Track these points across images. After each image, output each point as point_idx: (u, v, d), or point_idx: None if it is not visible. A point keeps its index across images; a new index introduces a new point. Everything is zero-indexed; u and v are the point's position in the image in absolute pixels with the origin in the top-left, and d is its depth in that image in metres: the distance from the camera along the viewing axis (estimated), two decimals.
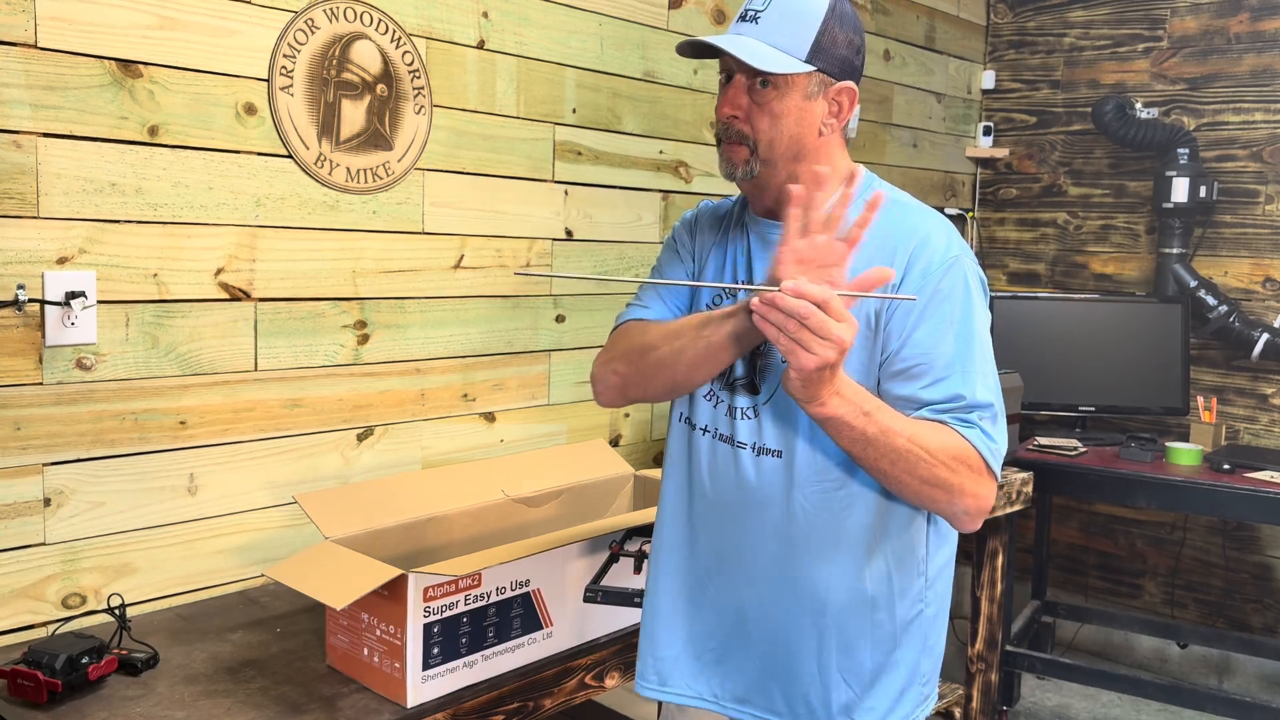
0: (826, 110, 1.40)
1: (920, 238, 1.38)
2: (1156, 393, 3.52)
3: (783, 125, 1.38)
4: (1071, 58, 3.99)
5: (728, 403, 1.46)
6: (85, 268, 1.80)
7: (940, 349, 1.34)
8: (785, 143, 1.39)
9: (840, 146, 1.45)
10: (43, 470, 1.78)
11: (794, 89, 1.37)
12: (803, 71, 1.36)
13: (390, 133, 2.21)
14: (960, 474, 1.31)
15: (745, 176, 1.42)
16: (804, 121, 1.39)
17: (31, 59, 1.72)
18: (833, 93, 1.40)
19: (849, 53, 1.40)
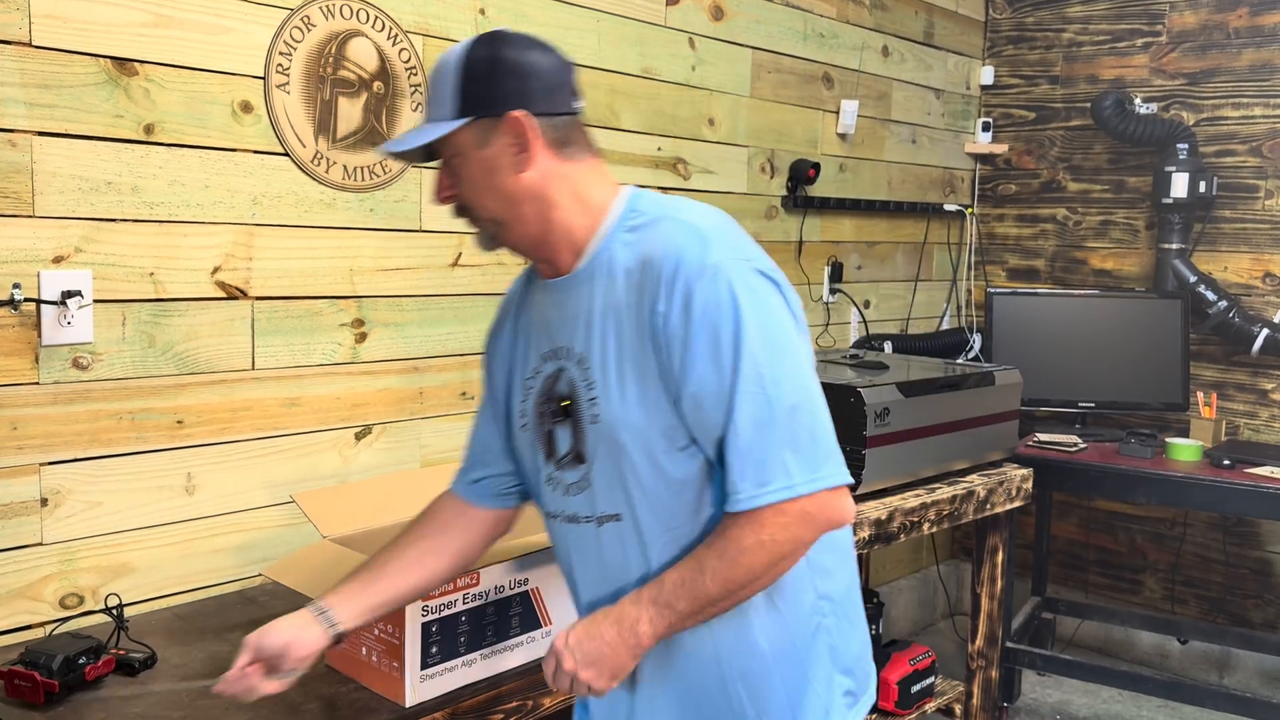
0: (509, 148, 1.29)
1: (671, 256, 1.25)
2: (1156, 388, 3.51)
3: (478, 186, 1.32)
4: (1070, 53, 3.98)
5: (563, 481, 1.37)
6: (81, 267, 1.80)
7: (714, 378, 1.23)
8: (492, 199, 1.32)
9: (571, 180, 1.32)
10: (39, 470, 1.78)
11: (466, 149, 1.30)
12: (453, 128, 1.29)
13: (387, 130, 2.21)
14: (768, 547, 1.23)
15: (492, 244, 1.37)
16: (493, 171, 1.30)
17: (26, 57, 1.71)
18: (504, 128, 1.28)
19: (505, 85, 1.28)
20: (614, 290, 1.30)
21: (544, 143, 1.30)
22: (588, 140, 1.36)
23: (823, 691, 1.37)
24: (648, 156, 2.80)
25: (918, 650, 2.91)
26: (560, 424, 1.35)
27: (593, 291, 1.31)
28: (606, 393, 1.29)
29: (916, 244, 3.91)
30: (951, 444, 2.66)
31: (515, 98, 1.28)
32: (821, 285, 3.48)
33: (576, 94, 1.36)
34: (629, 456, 1.29)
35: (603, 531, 1.34)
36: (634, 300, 1.27)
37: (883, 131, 3.69)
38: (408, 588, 1.45)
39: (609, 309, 1.30)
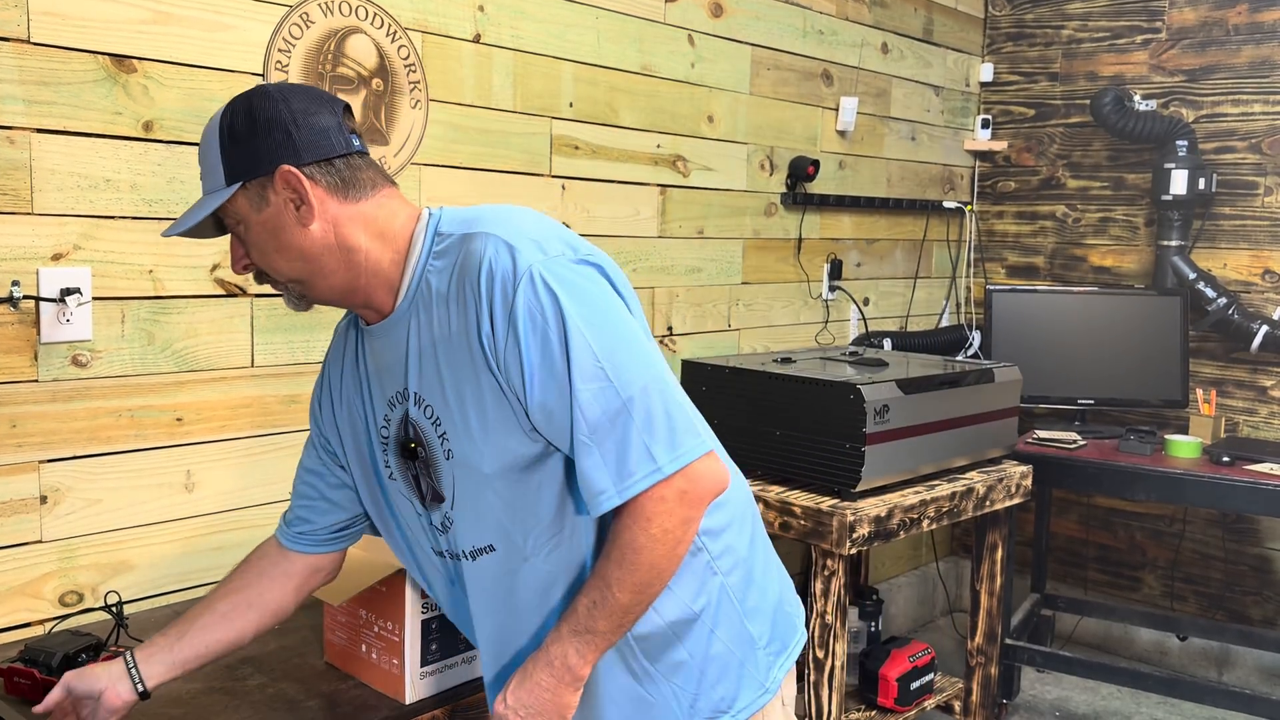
0: (288, 204, 1.24)
1: (481, 273, 1.21)
2: (1156, 385, 3.51)
3: (267, 250, 1.27)
4: (1070, 50, 3.98)
5: (426, 525, 1.37)
6: (80, 264, 1.80)
7: (553, 388, 1.20)
8: (284, 260, 1.27)
9: (366, 219, 1.27)
10: (39, 467, 1.78)
11: (245, 216, 1.26)
12: (225, 198, 1.24)
13: (386, 127, 2.21)
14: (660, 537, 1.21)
15: (301, 305, 1.33)
16: (278, 231, 1.25)
17: (24, 54, 1.71)
18: (277, 186, 1.23)
19: (267, 142, 1.23)
20: (433, 321, 1.26)
21: (324, 190, 1.25)
22: (376, 173, 1.30)
23: (736, 649, 1.37)
24: (647, 154, 2.80)
25: (917, 647, 2.92)
26: (418, 467, 1.33)
27: (415, 326, 1.28)
28: (453, 426, 1.27)
29: (916, 241, 3.91)
30: (951, 441, 2.66)
31: (280, 152, 1.23)
32: (821, 282, 3.48)
33: (352, 131, 1.29)
34: (493, 485, 1.27)
35: (479, 565, 1.33)
36: (458, 326, 1.24)
37: (882, 128, 3.69)
38: (215, 644, 1.43)
39: (435, 340, 1.26)
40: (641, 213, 2.81)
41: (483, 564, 1.33)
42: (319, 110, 1.26)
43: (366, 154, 1.31)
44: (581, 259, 1.25)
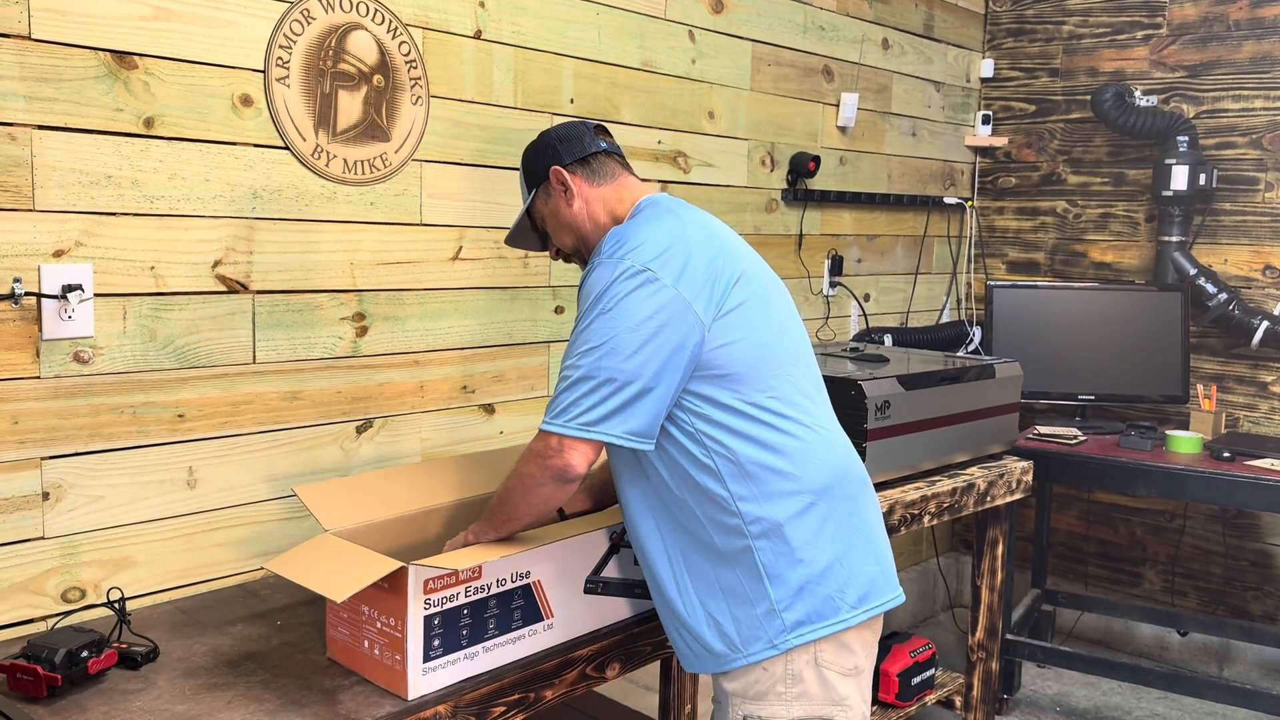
0: (561, 196, 1.79)
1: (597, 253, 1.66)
2: (1156, 381, 3.51)
3: (557, 230, 1.83)
4: (1070, 45, 3.98)
5: None
6: (82, 261, 1.80)
7: (571, 345, 1.60)
8: (567, 235, 1.82)
9: (604, 199, 1.78)
10: (41, 464, 1.78)
11: (542, 211, 1.84)
12: (529, 201, 1.84)
13: (387, 124, 2.21)
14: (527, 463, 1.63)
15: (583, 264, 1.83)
16: (558, 213, 1.81)
17: (25, 51, 1.71)
18: (552, 183, 1.79)
19: (539, 159, 1.81)
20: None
21: (580, 178, 1.79)
22: (619, 165, 1.82)
23: (750, 593, 1.62)
24: (648, 149, 2.80)
25: (918, 642, 2.92)
26: None
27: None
28: None
29: (916, 237, 3.91)
30: (952, 437, 2.66)
31: (550, 159, 1.80)
32: (821, 278, 3.48)
33: (596, 138, 1.81)
34: None
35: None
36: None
37: (883, 124, 3.69)
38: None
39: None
40: None
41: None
42: (574, 128, 1.82)
43: (615, 152, 1.83)
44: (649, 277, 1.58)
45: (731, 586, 1.63)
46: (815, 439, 1.67)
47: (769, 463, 1.62)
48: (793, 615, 1.61)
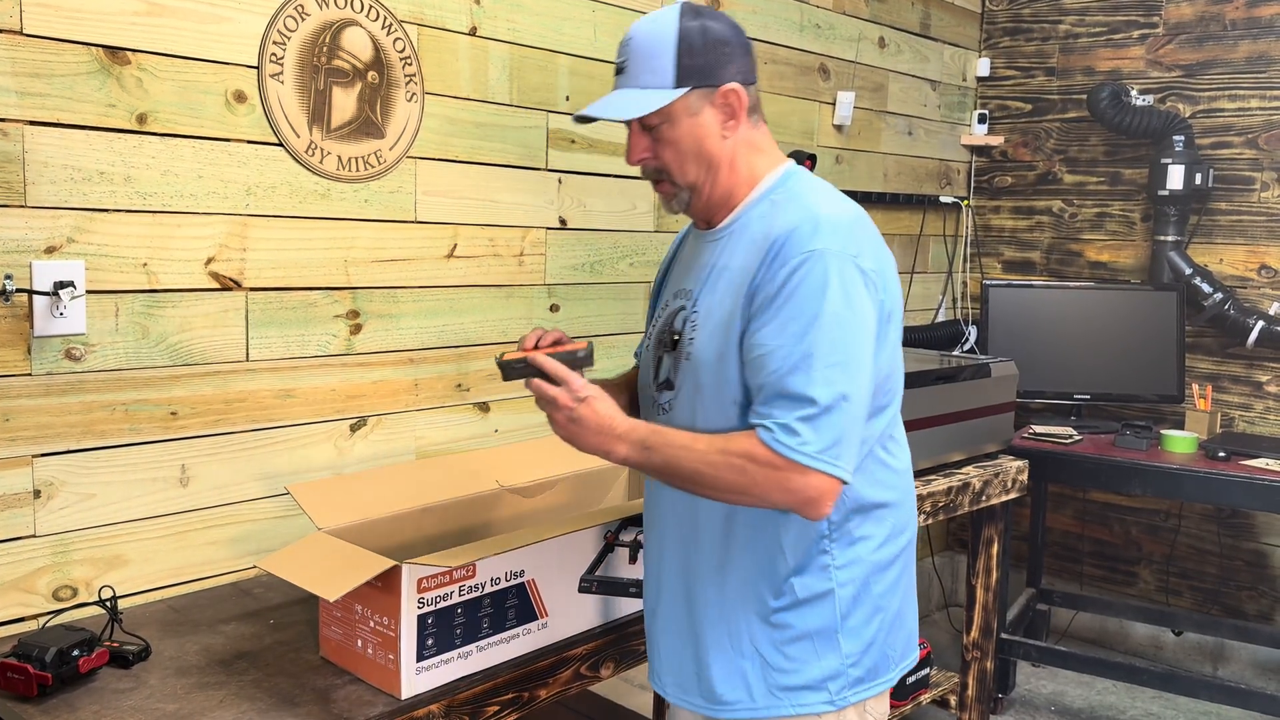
0: (718, 117, 1.45)
1: (785, 233, 1.39)
2: (1152, 380, 3.51)
3: (684, 149, 1.45)
4: (1067, 45, 3.98)
5: (656, 401, 1.55)
6: (74, 257, 1.79)
7: (779, 344, 1.34)
8: (694, 163, 1.46)
9: (752, 145, 1.49)
10: (32, 462, 1.77)
11: (677, 115, 1.43)
12: (673, 99, 1.41)
13: (382, 121, 2.20)
14: (751, 473, 1.33)
15: (682, 207, 1.51)
16: (701, 136, 1.44)
17: (17, 46, 1.70)
18: (718, 99, 1.44)
19: (717, 57, 1.42)
20: (735, 252, 1.45)
21: (744, 112, 1.46)
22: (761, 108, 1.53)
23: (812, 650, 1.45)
24: None
25: None
26: (666, 353, 1.52)
27: (723, 249, 1.47)
28: (701, 338, 1.45)
29: (912, 236, 3.91)
30: (947, 436, 2.66)
31: (728, 69, 1.43)
32: None
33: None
34: (703, 396, 1.45)
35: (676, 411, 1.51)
36: (743, 265, 1.42)
37: (879, 123, 3.69)
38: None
39: (726, 267, 1.45)
40: (638, 206, 2.80)
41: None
42: (745, 38, 1.48)
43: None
44: (863, 269, 1.38)
45: (794, 631, 1.45)
46: (910, 477, 1.56)
47: (881, 498, 1.48)
48: (857, 671, 1.47)
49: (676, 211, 1.52)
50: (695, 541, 1.51)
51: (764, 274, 1.38)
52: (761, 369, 1.36)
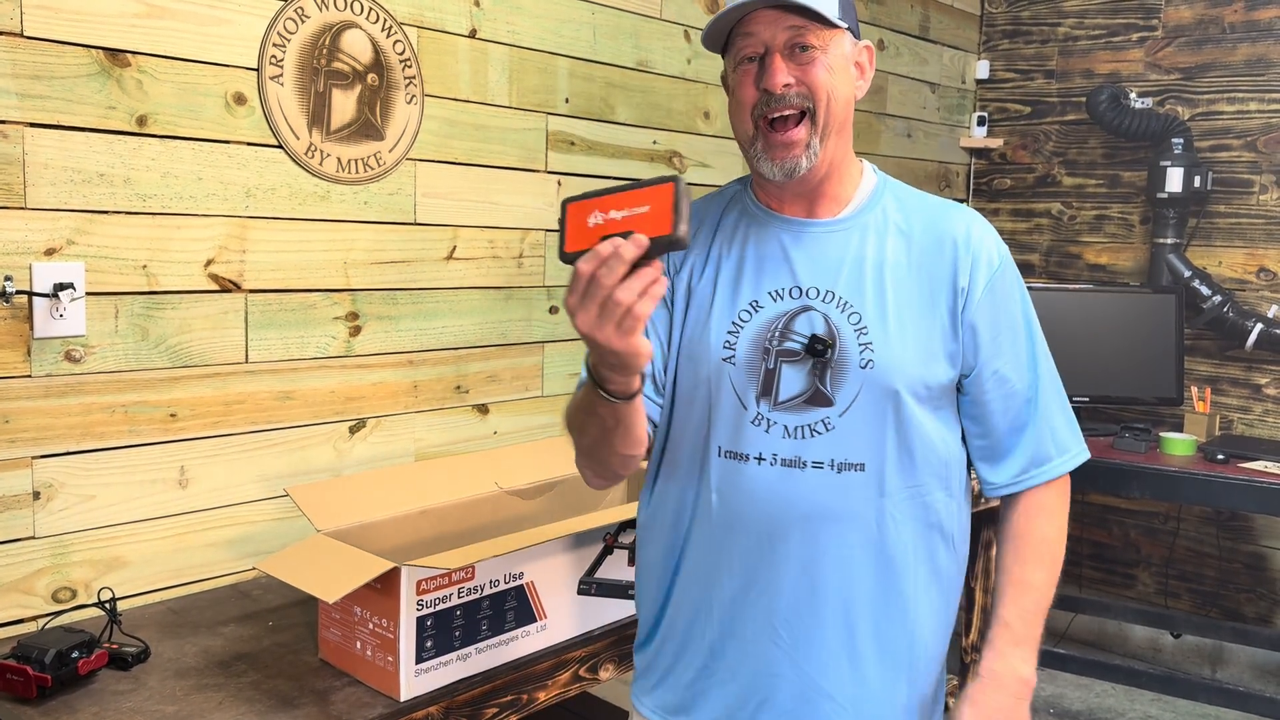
0: (853, 72, 1.32)
1: (967, 235, 1.34)
2: (1150, 383, 3.52)
3: (838, 80, 1.28)
4: (1066, 47, 3.98)
5: (783, 423, 1.30)
6: (73, 259, 1.79)
7: (1021, 374, 1.36)
8: (842, 105, 1.29)
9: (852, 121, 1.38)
10: (32, 463, 1.77)
11: (839, 48, 1.29)
12: (841, 25, 1.28)
13: (381, 123, 2.20)
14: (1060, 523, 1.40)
15: (809, 163, 1.28)
16: (849, 82, 1.31)
17: (18, 48, 1.70)
18: (860, 54, 1.34)
19: (856, 14, 1.36)
20: (887, 246, 1.32)
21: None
22: None
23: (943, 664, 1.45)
24: (643, 150, 2.80)
25: None
26: (795, 363, 1.29)
27: (862, 241, 1.33)
28: (885, 340, 1.29)
29: None
30: None
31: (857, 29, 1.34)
32: None
33: None
34: (896, 404, 1.29)
35: (842, 479, 1.29)
36: (925, 263, 1.32)
37: (878, 125, 3.69)
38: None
39: (885, 263, 1.31)
40: None
41: (847, 478, 1.29)
42: None
43: None
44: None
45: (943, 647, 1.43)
46: None
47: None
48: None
49: (801, 170, 1.28)
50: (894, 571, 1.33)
51: (965, 280, 1.32)
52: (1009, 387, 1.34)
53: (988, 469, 1.39)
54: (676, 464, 1.38)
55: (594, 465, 1.32)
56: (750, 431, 1.31)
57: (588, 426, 1.24)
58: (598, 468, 1.32)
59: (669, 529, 1.39)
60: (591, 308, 1.04)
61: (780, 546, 1.30)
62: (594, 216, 1.07)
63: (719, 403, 1.32)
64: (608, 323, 1.04)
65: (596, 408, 1.18)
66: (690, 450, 1.35)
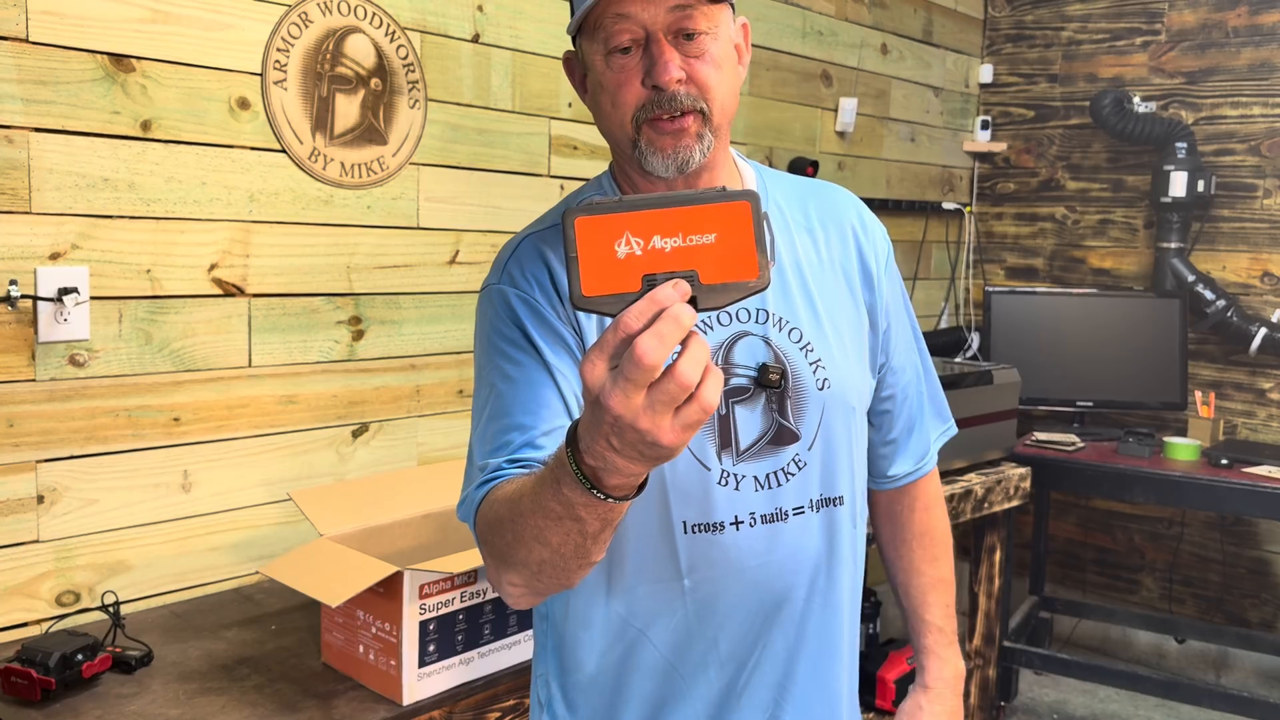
0: (732, 49, 1.11)
1: (858, 215, 1.23)
2: (1154, 388, 3.51)
3: (725, 76, 1.08)
4: (1069, 51, 3.98)
5: (751, 474, 1.11)
6: (78, 263, 1.79)
7: (910, 359, 1.31)
8: (732, 100, 1.11)
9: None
10: (36, 467, 1.77)
11: (724, 26, 1.08)
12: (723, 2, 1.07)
13: (384, 127, 2.20)
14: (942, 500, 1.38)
15: (703, 155, 1.08)
16: (735, 71, 1.10)
17: (23, 53, 1.71)
18: (739, 31, 1.13)
19: None
20: (796, 245, 1.17)
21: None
22: None
23: None
24: None
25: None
26: (746, 401, 1.11)
27: (774, 246, 1.14)
28: (830, 354, 1.15)
29: (915, 242, 3.91)
30: (949, 443, 2.65)
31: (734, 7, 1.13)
32: None
33: None
34: (855, 421, 1.18)
35: (823, 517, 1.15)
36: (832, 256, 1.18)
37: (881, 129, 3.69)
38: None
39: (800, 265, 1.16)
40: None
41: (826, 516, 1.14)
42: None
43: None
44: None
45: None
46: None
47: None
48: None
49: (684, 168, 1.08)
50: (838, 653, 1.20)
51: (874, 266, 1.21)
52: (900, 375, 1.28)
53: (887, 464, 1.32)
54: (621, 557, 1.11)
55: (544, 583, 0.95)
56: (719, 494, 1.10)
57: (550, 535, 0.87)
58: (547, 585, 0.95)
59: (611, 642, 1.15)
60: (635, 390, 0.72)
61: (775, 617, 1.14)
62: (625, 244, 0.74)
63: (673, 468, 1.09)
64: (663, 411, 0.72)
65: (578, 510, 0.83)
66: (641, 534, 1.10)
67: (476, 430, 1.09)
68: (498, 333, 1.10)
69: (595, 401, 0.74)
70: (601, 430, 0.75)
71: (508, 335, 1.09)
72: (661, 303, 0.71)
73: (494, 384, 1.08)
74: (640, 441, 0.74)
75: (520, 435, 1.03)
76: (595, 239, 0.74)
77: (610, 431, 0.75)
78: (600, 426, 0.75)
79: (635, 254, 0.74)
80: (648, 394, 0.72)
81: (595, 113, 1.14)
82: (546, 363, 1.06)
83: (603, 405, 0.73)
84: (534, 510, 0.88)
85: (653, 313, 0.70)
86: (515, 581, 0.97)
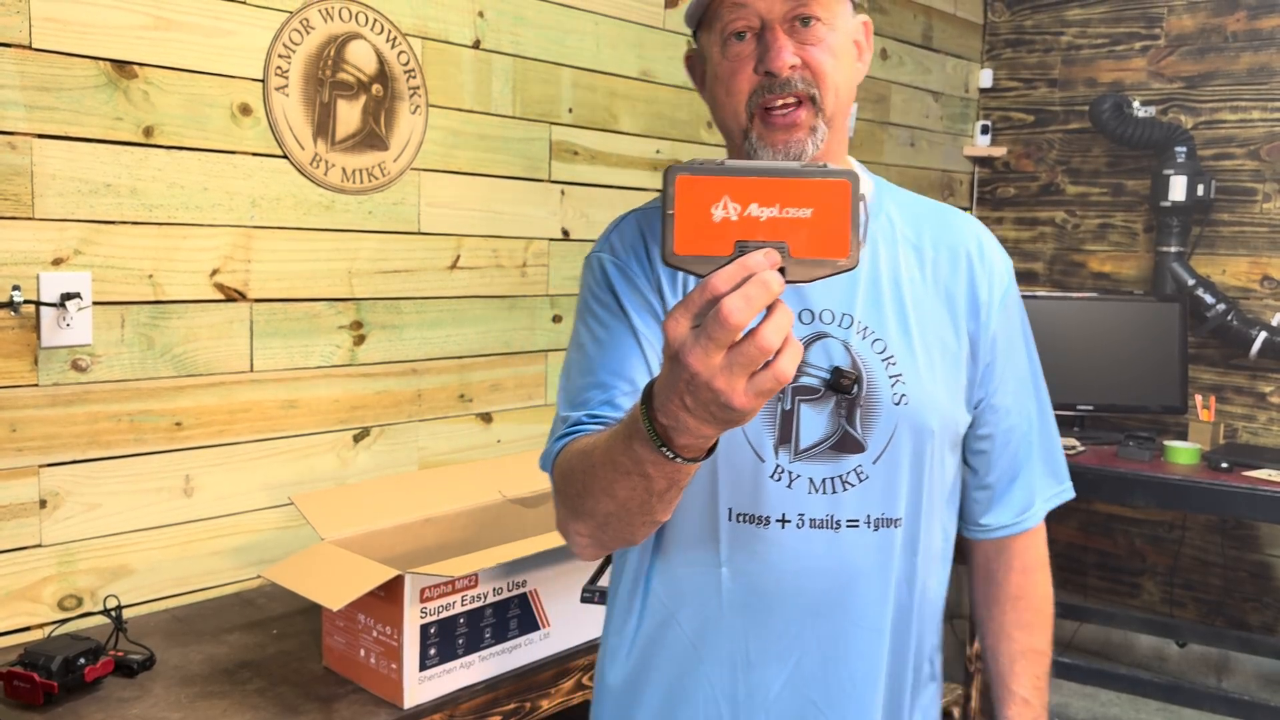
0: (853, 48, 1.12)
1: (981, 249, 1.19)
2: (1155, 391, 3.51)
3: (842, 64, 1.09)
4: (1069, 56, 3.99)
5: (806, 475, 1.10)
6: (80, 269, 1.80)
7: (1022, 402, 1.25)
8: (846, 92, 1.10)
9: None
10: (38, 472, 1.78)
11: (843, 22, 1.09)
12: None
13: (386, 133, 2.21)
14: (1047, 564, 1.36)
15: (815, 149, 1.09)
16: (852, 65, 1.11)
17: (26, 60, 1.72)
18: (860, 29, 1.14)
19: None
20: (899, 260, 1.15)
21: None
22: None
23: None
24: (646, 159, 2.81)
25: None
26: (815, 401, 1.10)
27: (873, 254, 1.14)
28: (915, 372, 1.12)
29: None
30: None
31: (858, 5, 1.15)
32: None
33: None
34: (933, 446, 1.13)
35: (879, 538, 1.12)
36: (938, 277, 1.15)
37: (881, 134, 3.70)
38: None
39: (900, 280, 1.14)
40: None
41: (884, 536, 1.12)
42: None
43: None
44: None
45: None
46: None
47: None
48: None
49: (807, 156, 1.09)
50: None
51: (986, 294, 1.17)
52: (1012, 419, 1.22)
53: (981, 510, 1.26)
54: (666, 530, 1.13)
55: (609, 536, 1.00)
56: (770, 488, 1.09)
57: (617, 488, 0.91)
58: (612, 539, 1.00)
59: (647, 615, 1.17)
60: (716, 349, 0.73)
61: (810, 629, 1.12)
62: (722, 207, 0.75)
63: (727, 454, 1.09)
64: (739, 374, 0.74)
65: (646, 467, 0.86)
66: (685, 512, 1.11)
67: (563, 387, 1.15)
68: (593, 296, 1.16)
69: (674, 358, 0.76)
70: (677, 388, 0.77)
71: (601, 299, 1.15)
72: (752, 269, 0.72)
73: (583, 344, 1.14)
74: (713, 401, 0.76)
75: (601, 393, 1.08)
76: (694, 199, 0.75)
77: (685, 390, 0.76)
78: (676, 384, 0.77)
79: (730, 219, 0.75)
80: (727, 354, 0.74)
81: (711, 106, 1.16)
82: (634, 327, 1.11)
83: (681, 362, 0.75)
84: (605, 463, 0.91)
85: (741, 277, 0.72)
86: (582, 531, 1.02)
